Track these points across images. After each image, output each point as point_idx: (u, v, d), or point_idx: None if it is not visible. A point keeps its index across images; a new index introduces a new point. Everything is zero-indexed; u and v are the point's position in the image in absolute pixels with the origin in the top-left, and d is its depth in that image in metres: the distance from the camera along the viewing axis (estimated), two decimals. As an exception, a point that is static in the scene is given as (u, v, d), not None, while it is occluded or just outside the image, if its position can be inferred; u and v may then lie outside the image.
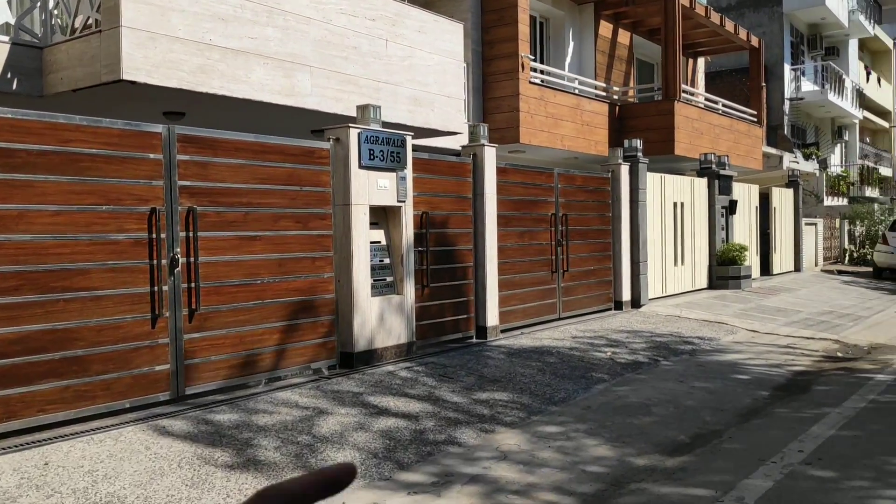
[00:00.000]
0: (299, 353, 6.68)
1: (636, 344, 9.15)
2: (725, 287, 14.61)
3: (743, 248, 14.80)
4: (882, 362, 8.79)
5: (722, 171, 15.11)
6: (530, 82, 13.46)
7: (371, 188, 7.24)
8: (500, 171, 9.40)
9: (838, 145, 35.01)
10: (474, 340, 8.88)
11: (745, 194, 16.75)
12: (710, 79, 26.18)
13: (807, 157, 26.96)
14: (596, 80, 16.29)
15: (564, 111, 14.29)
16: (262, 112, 8.52)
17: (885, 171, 41.75)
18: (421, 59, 9.95)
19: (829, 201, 27.78)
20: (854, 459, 5.05)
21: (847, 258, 23.93)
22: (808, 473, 4.79)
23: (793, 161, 21.98)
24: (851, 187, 32.46)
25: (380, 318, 7.31)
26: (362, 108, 7.44)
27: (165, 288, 5.73)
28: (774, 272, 18.34)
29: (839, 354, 9.32)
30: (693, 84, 20.89)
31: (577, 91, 15.11)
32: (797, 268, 19.58)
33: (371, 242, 7.38)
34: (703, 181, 14.79)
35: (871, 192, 34.30)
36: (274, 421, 5.44)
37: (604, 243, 11.65)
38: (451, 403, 6.23)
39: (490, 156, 9.04)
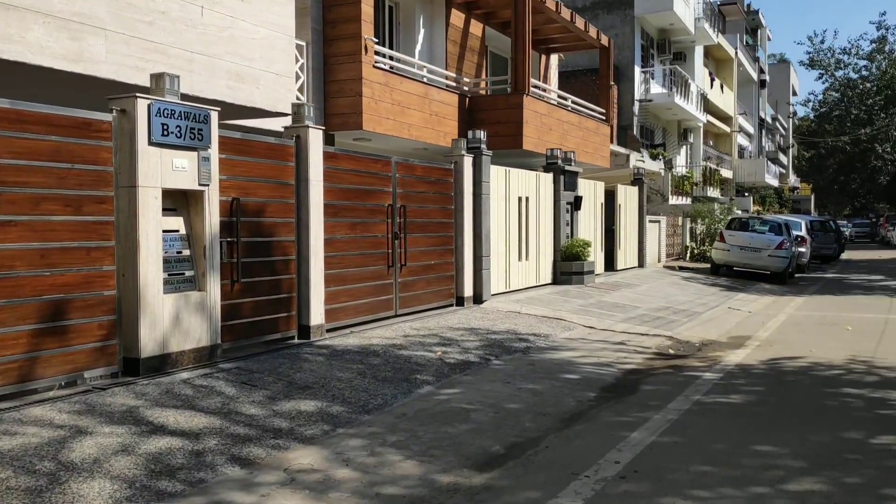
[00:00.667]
0: (67, 360, 5.69)
1: (470, 342, 8.70)
2: (569, 283, 14.57)
3: (586, 244, 14.82)
4: (711, 359, 8.78)
5: (568, 167, 15.07)
6: (375, 66, 12.80)
7: (164, 169, 6.32)
8: (330, 157, 8.68)
9: (684, 147, 36.66)
10: (296, 341, 8.12)
11: (591, 191, 16.86)
12: (564, 78, 26.53)
13: (653, 157, 27.90)
14: (447, 70, 15.86)
15: (412, 100, 13.74)
16: (49, 80, 7.38)
17: (726, 173, 44.33)
18: (244, 31, 9.05)
19: (673, 200, 28.89)
20: (670, 471, 4.72)
21: (689, 255, 24.90)
22: (620, 490, 4.41)
23: (639, 160, 22.56)
24: (695, 187, 34.04)
25: (175, 318, 6.42)
26: (157, 77, 6.51)
27: None
28: (619, 268, 18.64)
29: (671, 351, 9.27)
30: (546, 80, 20.96)
31: (425, 80, 14.60)
32: (640, 264, 20.04)
33: (166, 231, 6.47)
34: (549, 176, 14.68)
35: (712, 192, 36.15)
36: (13, 445, 4.49)
37: (446, 237, 11.18)
38: (245, 417, 5.46)
39: (316, 139, 8.30)
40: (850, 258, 34.47)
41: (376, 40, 12.59)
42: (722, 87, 43.31)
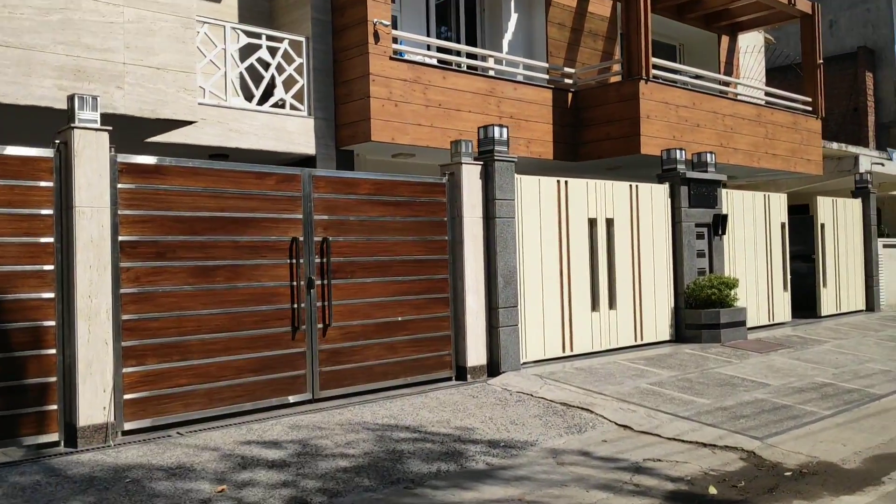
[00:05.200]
0: None
1: (332, 462, 5.33)
2: (698, 339, 10.11)
3: (728, 284, 10.24)
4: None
5: (698, 175, 10.64)
6: (394, 58, 9.84)
7: None
8: (140, 171, 5.92)
9: None
10: (62, 450, 5.44)
11: (757, 206, 12.02)
12: (781, 72, 21.00)
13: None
14: (549, 62, 12.32)
15: (466, 99, 10.52)
16: None
17: None
18: (93, 13, 6.74)
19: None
20: None
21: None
22: None
23: (876, 162, 16.54)
24: None
25: None
26: None
27: None
28: (825, 313, 13.31)
29: (712, 491, 5.03)
30: (734, 69, 16.18)
31: (492, 72, 11.26)
32: (870, 306, 14.31)
33: None
34: (661, 189, 10.41)
35: None
36: None
37: (430, 281, 7.79)
38: None
39: (93, 145, 5.61)
40: None
41: (387, 23, 9.63)
42: None
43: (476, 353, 7.99)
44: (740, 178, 15.47)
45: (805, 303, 13.52)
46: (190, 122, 7.51)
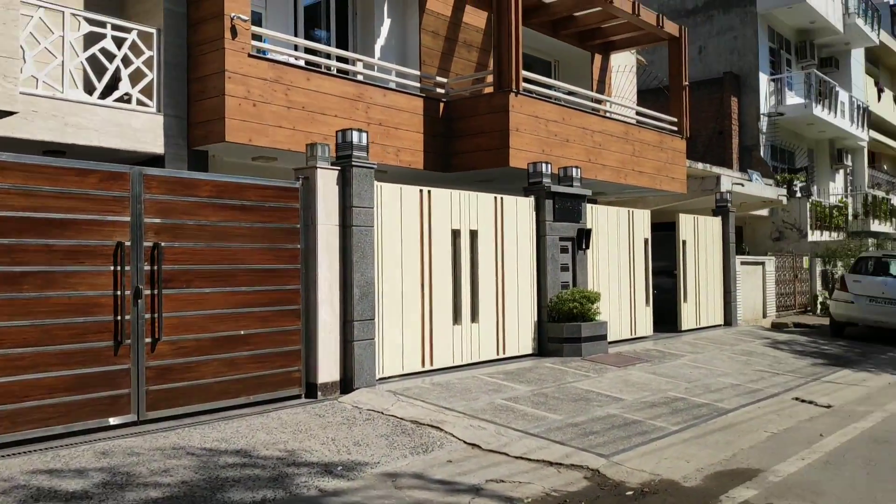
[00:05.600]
0: None
1: (141, 493, 4.79)
2: (560, 353, 10.09)
3: (589, 298, 10.27)
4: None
5: (563, 189, 10.67)
6: (254, 56, 9.34)
7: None
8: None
9: (840, 171, 29.98)
10: None
11: (622, 222, 12.23)
12: (653, 94, 21.73)
13: (781, 184, 22.16)
14: (422, 70, 12.09)
15: (333, 102, 10.11)
16: None
17: (907, 203, 36.32)
18: None
19: (817, 236, 22.86)
20: None
21: (820, 307, 18.98)
22: None
23: (736, 183, 17.28)
24: (854, 220, 27.39)
25: None
26: None
27: None
28: (686, 327, 13.67)
29: (548, 515, 4.84)
30: (606, 86, 16.52)
31: (360, 77, 10.92)
32: (728, 321, 14.84)
33: None
34: (527, 202, 10.36)
35: (881, 226, 29.04)
36: None
37: (279, 292, 7.34)
38: None
39: None
40: None
41: (245, 18, 9.13)
42: (896, 99, 35.78)
43: (328, 369, 7.58)
44: (610, 193, 15.77)
45: (668, 317, 13.86)
46: (9, 113, 6.77)
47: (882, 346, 13.58)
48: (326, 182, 7.67)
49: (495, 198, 9.78)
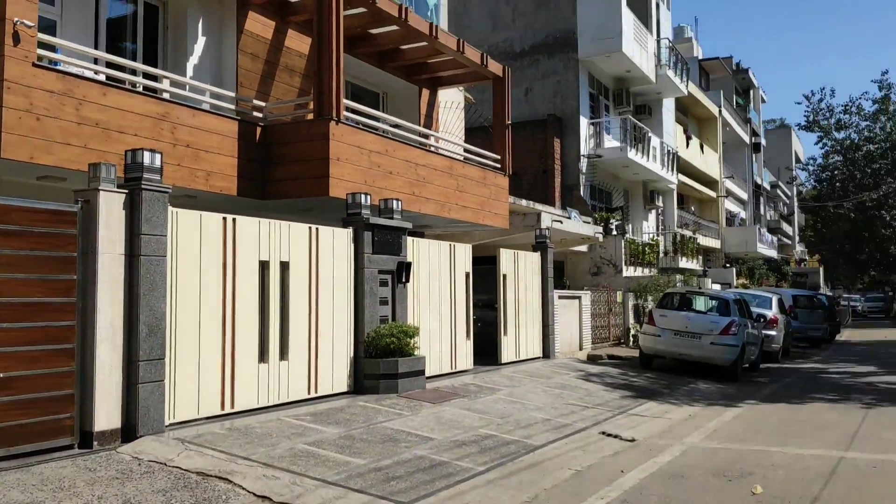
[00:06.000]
0: None
1: None
2: (376, 390, 9.74)
3: (407, 333, 10.05)
4: None
5: (382, 221, 10.45)
6: (36, 65, 8.40)
7: None
8: None
9: (652, 211, 32.07)
10: None
11: (443, 256, 12.18)
12: (485, 133, 22.23)
13: (598, 222, 23.29)
14: (239, 93, 11.50)
15: (132, 121, 9.29)
16: None
17: (712, 242, 39.54)
18: None
19: (632, 272, 24.16)
20: None
21: (632, 339, 19.96)
22: None
23: (555, 220, 17.90)
24: (665, 257, 29.31)
25: None
26: None
27: None
28: (505, 360, 13.79)
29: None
30: (433, 122, 16.59)
31: (167, 95, 10.20)
32: (546, 353, 15.17)
33: None
34: (345, 234, 10.04)
35: (688, 262, 31.28)
36: None
37: (50, 329, 6.49)
38: None
39: None
40: (850, 338, 29.37)
41: (31, 24, 8.23)
42: (702, 147, 39.00)
43: (107, 416, 6.79)
44: (437, 227, 15.78)
45: (491, 349, 13.94)
46: None
47: (686, 378, 14.36)
48: (111, 206, 6.95)
49: (310, 228, 9.37)
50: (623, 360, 16.64)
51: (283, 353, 8.88)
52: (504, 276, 13.98)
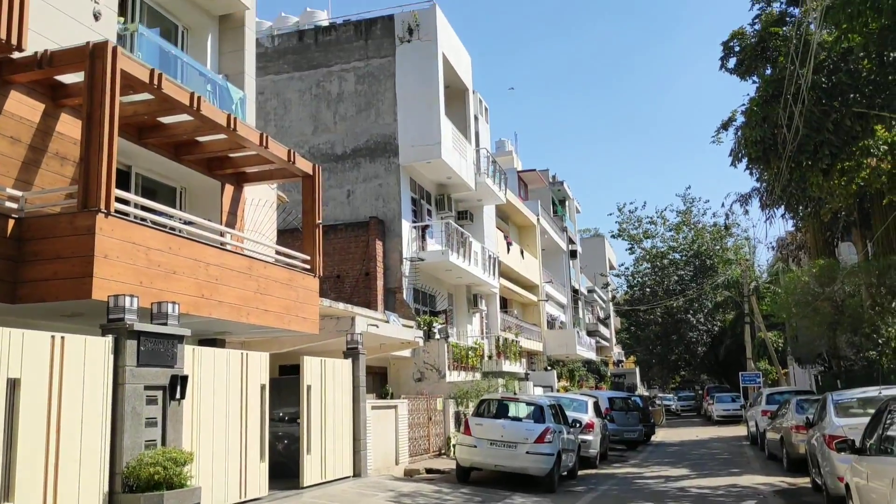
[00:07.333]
0: None
1: None
2: (134, 534, 8.13)
3: (177, 461, 8.55)
4: None
5: (152, 328, 9.07)
6: None
7: None
8: None
9: (476, 315, 32.10)
10: None
11: (232, 366, 10.86)
12: (302, 234, 21.30)
13: (422, 325, 22.70)
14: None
15: None
16: None
17: (535, 345, 40.25)
18: None
19: (455, 376, 23.55)
20: None
21: (453, 449, 19.09)
22: None
23: (371, 324, 17.03)
24: (489, 360, 29.13)
25: None
26: None
27: None
28: (309, 482, 12.40)
29: None
30: (237, 220, 15.43)
31: None
32: (357, 472, 13.91)
33: None
34: (104, 342, 8.57)
35: (511, 365, 31.29)
36: None
37: None
38: None
39: None
40: (664, 439, 30.18)
41: None
42: (523, 253, 40.16)
43: None
44: (239, 334, 14.39)
45: (296, 469, 12.55)
46: None
47: (502, 492, 13.58)
48: None
49: (53, 337, 7.84)
50: (442, 473, 15.66)
51: (9, 494, 7.15)
52: (308, 386, 12.77)
